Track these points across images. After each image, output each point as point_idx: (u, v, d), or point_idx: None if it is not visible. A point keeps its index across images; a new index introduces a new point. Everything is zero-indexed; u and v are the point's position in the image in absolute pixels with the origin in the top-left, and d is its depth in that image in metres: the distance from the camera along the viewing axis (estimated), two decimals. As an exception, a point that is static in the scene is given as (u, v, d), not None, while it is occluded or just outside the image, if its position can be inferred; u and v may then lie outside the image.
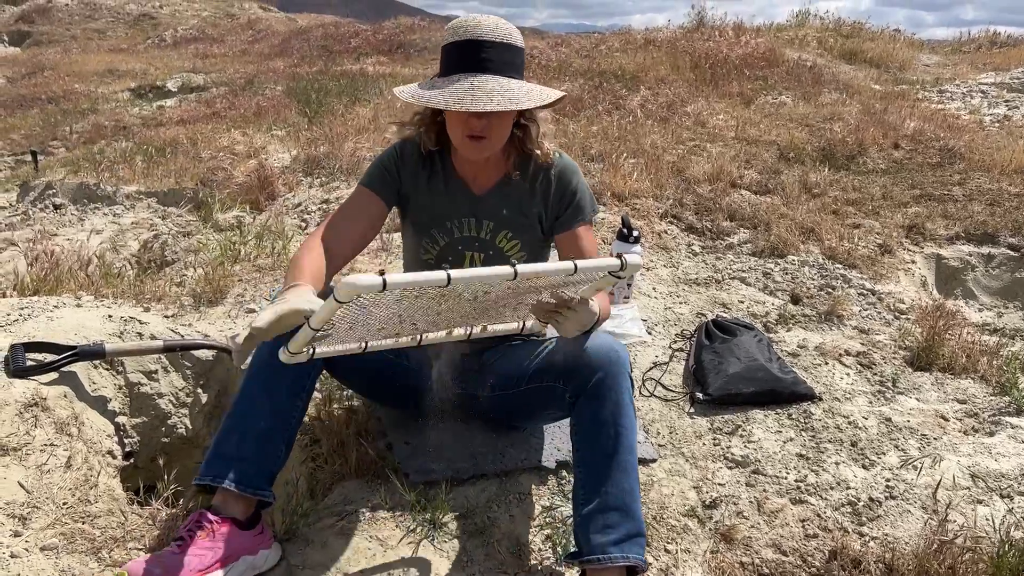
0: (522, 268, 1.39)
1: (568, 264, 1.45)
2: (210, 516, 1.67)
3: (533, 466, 2.11)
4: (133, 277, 3.43)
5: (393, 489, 1.97)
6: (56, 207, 5.28)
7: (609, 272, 1.53)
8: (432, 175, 2.02)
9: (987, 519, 2.05)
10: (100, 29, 24.40)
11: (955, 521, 2.04)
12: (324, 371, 1.92)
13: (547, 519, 1.97)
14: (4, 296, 2.84)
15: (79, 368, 2.18)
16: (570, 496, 2.02)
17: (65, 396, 2.07)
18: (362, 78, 9.68)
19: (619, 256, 1.50)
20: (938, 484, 2.18)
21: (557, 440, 2.20)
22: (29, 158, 8.76)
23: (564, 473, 2.11)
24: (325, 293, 1.67)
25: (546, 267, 1.49)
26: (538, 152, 1.97)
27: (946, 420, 2.56)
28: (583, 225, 2.03)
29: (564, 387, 1.82)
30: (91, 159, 6.63)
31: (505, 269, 1.38)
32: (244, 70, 12.70)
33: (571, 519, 1.93)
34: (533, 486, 2.07)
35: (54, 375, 2.08)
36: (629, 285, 3.11)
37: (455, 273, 1.32)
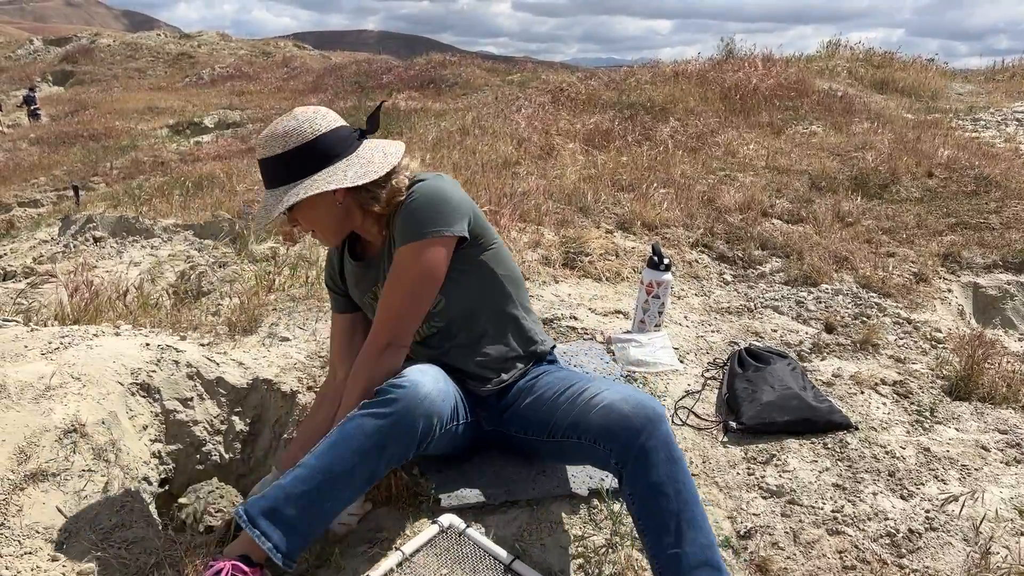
0: None
1: None
2: (244, 568, 1.66)
3: (565, 494, 2.10)
4: (170, 307, 3.49)
5: (424, 516, 1.97)
6: (96, 240, 5.40)
7: None
8: (345, 265, 2.17)
9: (1032, 552, 2.00)
10: (140, 68, 25.13)
11: (998, 554, 1.99)
12: None
13: (579, 548, 1.95)
14: (46, 325, 2.91)
15: (116, 395, 2.22)
16: (601, 525, 2.01)
17: (103, 423, 2.10)
18: (395, 112, 9.83)
19: None
20: (982, 517, 2.13)
21: (588, 468, 2.18)
22: (71, 193, 9.00)
23: (595, 502, 2.09)
24: None
25: None
26: (394, 203, 1.96)
27: (987, 451, 2.50)
28: (400, 249, 1.91)
29: (606, 450, 1.77)
30: (130, 193, 6.79)
31: None
32: (279, 106, 12.97)
33: (603, 549, 1.92)
34: (564, 514, 2.05)
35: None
36: (660, 312, 3.10)
37: None
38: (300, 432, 2.19)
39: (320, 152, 1.86)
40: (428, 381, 1.80)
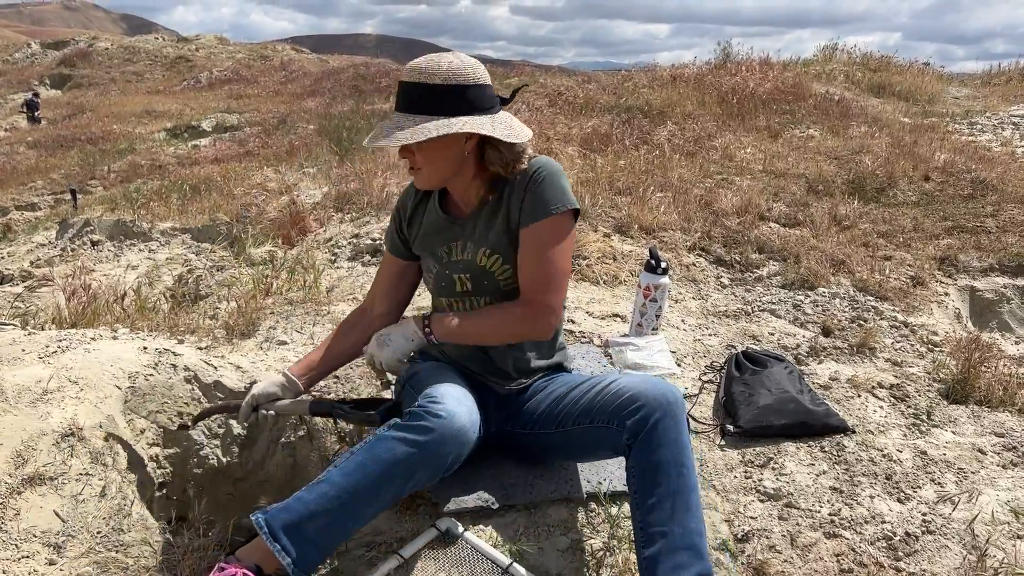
0: None
1: None
2: None
3: (562, 498, 2.10)
4: (167, 310, 3.49)
5: (422, 520, 1.97)
6: (93, 243, 5.40)
7: None
8: (426, 210, 2.14)
9: (1028, 555, 2.00)
10: (138, 72, 25.12)
11: (995, 556, 1.99)
12: None
13: (576, 552, 1.95)
14: (43, 329, 2.90)
15: (114, 399, 2.22)
16: (599, 528, 2.01)
17: (100, 426, 2.10)
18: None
19: None
20: (976, 518, 2.13)
21: (587, 472, 2.19)
22: (68, 196, 8.99)
23: (593, 505, 2.09)
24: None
25: None
26: (517, 170, 1.99)
27: (983, 454, 2.51)
28: (542, 221, 1.95)
29: (619, 429, 1.79)
30: (128, 197, 6.79)
31: None
32: (277, 110, 12.96)
33: (600, 552, 1.92)
34: (562, 518, 2.05)
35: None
36: (658, 316, 3.11)
37: None
38: (323, 349, 2.20)
39: (471, 99, 1.89)
40: (464, 413, 1.79)
